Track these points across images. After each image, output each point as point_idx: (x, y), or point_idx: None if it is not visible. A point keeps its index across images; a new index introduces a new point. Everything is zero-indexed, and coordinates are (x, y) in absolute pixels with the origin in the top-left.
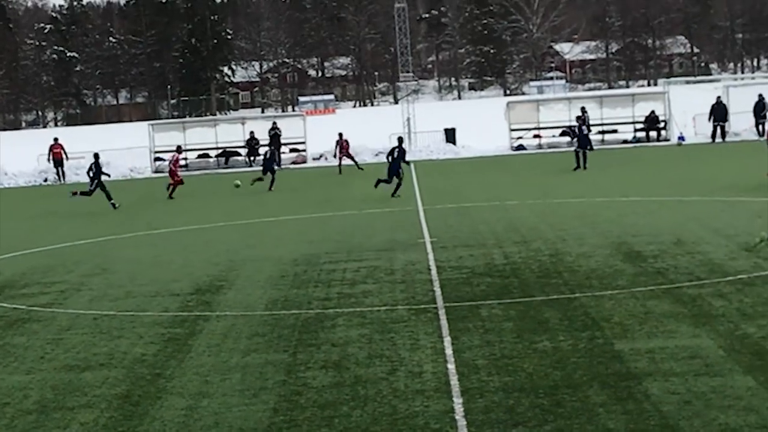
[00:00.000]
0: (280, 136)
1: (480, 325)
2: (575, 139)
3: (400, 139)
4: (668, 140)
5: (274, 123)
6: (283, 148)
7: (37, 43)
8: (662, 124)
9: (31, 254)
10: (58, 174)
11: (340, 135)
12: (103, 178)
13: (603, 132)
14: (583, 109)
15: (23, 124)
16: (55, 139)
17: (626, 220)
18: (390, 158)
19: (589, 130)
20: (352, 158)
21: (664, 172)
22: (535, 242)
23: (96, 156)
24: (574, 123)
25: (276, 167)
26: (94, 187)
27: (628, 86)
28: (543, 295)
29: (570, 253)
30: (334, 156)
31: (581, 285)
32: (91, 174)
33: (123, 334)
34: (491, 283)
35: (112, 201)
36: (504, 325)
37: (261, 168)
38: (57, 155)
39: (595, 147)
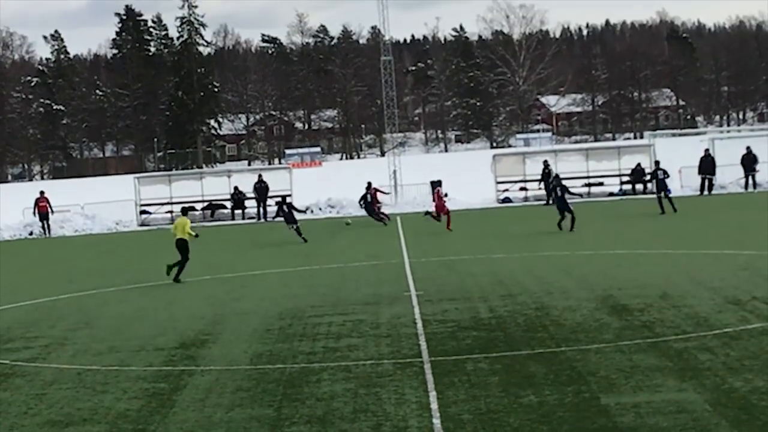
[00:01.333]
0: (267, 188)
1: (466, 379)
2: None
3: (369, 184)
4: (654, 193)
5: (260, 176)
6: (269, 201)
7: (24, 96)
8: (648, 177)
9: (15, 308)
10: (43, 227)
11: (369, 184)
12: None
13: (589, 185)
14: (545, 163)
15: (9, 177)
16: (41, 193)
17: (612, 273)
18: (363, 203)
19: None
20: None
21: (650, 225)
22: (521, 296)
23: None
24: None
25: (263, 220)
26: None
27: (614, 139)
28: (529, 348)
29: (556, 307)
30: (362, 205)
31: (567, 339)
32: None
33: (107, 389)
34: (477, 336)
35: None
36: (490, 379)
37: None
38: (42, 209)
39: (580, 200)
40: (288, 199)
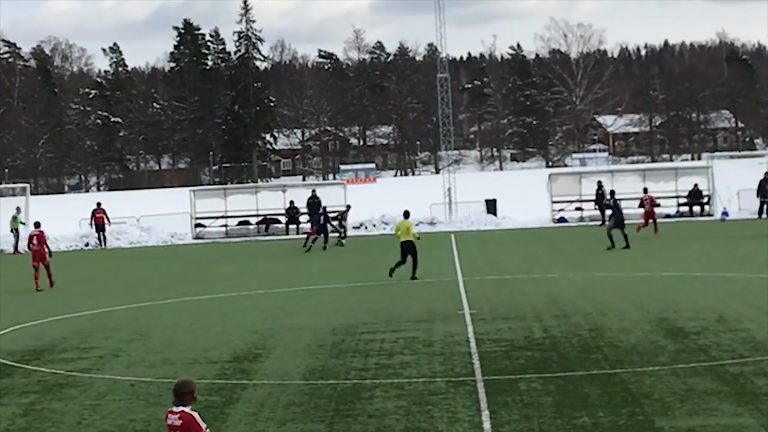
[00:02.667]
0: (319, 204)
1: (519, 399)
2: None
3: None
4: (712, 215)
5: (313, 191)
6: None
7: (82, 108)
8: (706, 199)
9: (71, 319)
10: (99, 239)
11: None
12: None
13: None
14: (599, 183)
15: (66, 188)
16: (98, 204)
17: (668, 295)
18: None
19: (606, 205)
20: None
21: (706, 248)
22: (576, 316)
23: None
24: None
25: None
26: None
27: (671, 160)
28: (583, 370)
29: (610, 328)
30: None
31: (622, 360)
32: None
33: (160, 400)
34: (530, 356)
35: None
36: (543, 399)
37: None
38: (99, 220)
39: (637, 220)
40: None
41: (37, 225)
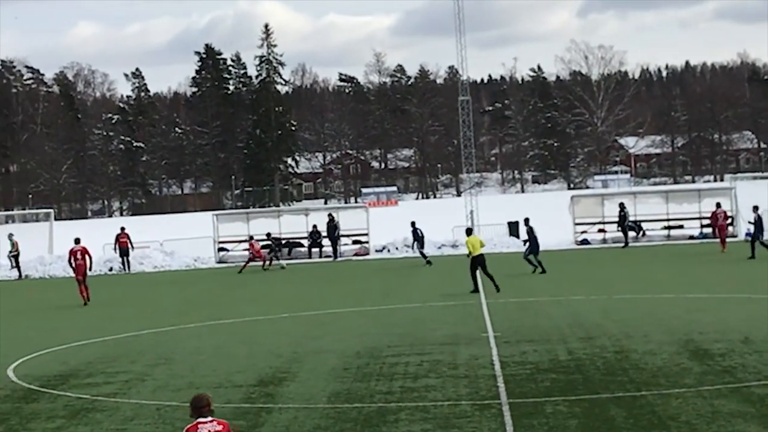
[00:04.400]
0: (335, 227)
1: (544, 422)
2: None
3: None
4: (735, 236)
5: (330, 214)
6: (346, 240)
7: (105, 133)
8: (729, 220)
9: (96, 344)
10: (123, 263)
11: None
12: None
13: (669, 227)
14: (621, 205)
15: (89, 213)
16: (122, 229)
17: (693, 317)
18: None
19: (628, 226)
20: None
21: (731, 269)
22: (600, 338)
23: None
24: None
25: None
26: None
27: (693, 181)
28: (608, 392)
29: (636, 350)
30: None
31: (647, 383)
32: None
33: (186, 425)
34: (556, 379)
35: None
36: (569, 422)
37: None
38: (123, 244)
39: (660, 242)
40: (363, 238)
41: (77, 241)
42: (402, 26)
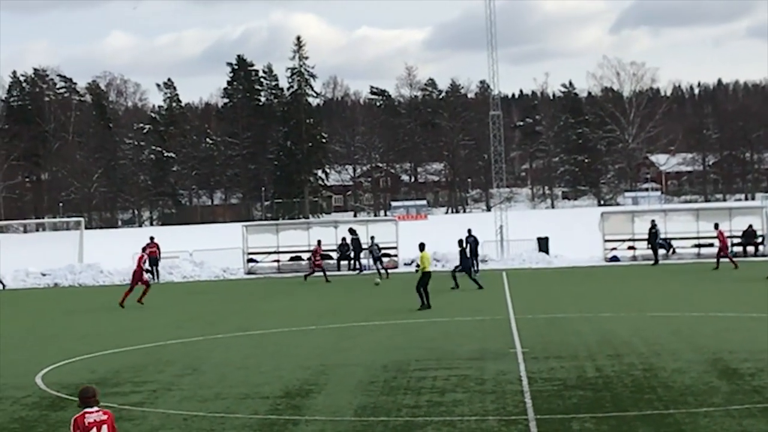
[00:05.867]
0: (358, 241)
1: None
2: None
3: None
4: (766, 255)
5: (351, 228)
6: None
7: (136, 143)
8: (760, 239)
9: (125, 352)
10: (152, 273)
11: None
12: None
13: (699, 245)
14: (653, 223)
15: (119, 223)
16: (151, 238)
17: (722, 336)
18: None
19: (658, 244)
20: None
21: (761, 288)
22: (629, 356)
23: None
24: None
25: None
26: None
27: (725, 199)
28: (636, 410)
29: (664, 368)
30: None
31: (676, 401)
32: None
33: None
34: (583, 396)
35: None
36: None
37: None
38: (152, 254)
39: (690, 260)
40: (392, 251)
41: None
42: (434, 40)
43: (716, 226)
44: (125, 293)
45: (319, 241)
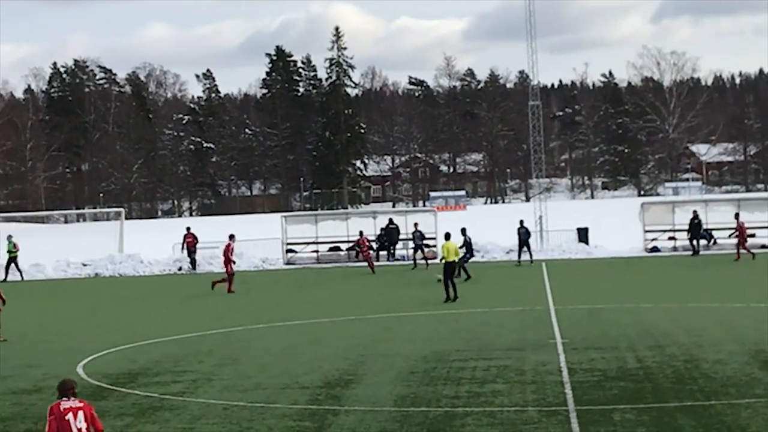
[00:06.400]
0: (398, 232)
1: (612, 429)
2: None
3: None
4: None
5: (390, 219)
6: (411, 243)
7: (175, 134)
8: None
9: (165, 342)
10: (191, 263)
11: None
12: None
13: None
14: (695, 213)
15: (159, 213)
16: (188, 229)
17: (764, 327)
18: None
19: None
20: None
21: None
22: (670, 347)
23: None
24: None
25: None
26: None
27: (766, 189)
28: (677, 401)
29: (706, 359)
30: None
31: (717, 392)
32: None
33: (253, 425)
34: (624, 387)
35: None
36: (637, 430)
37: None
38: (190, 244)
39: (731, 251)
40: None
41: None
42: (473, 30)
43: (737, 216)
44: (228, 283)
45: (361, 232)
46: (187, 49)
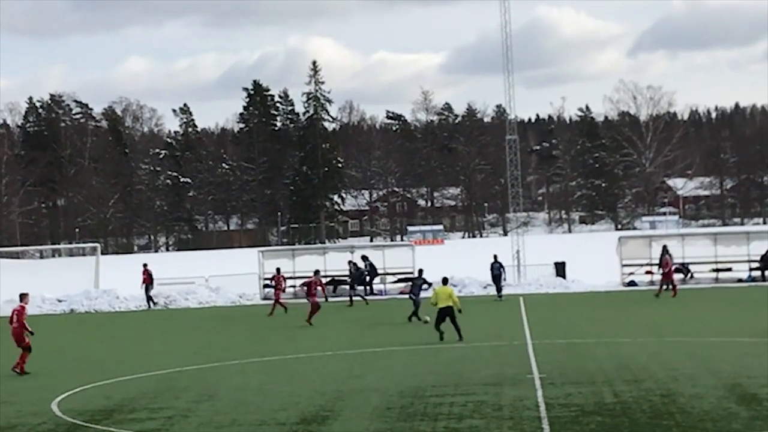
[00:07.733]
0: (372, 265)
1: None
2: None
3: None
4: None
5: (363, 255)
6: (390, 278)
7: (152, 168)
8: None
9: (141, 379)
10: (147, 299)
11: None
12: None
13: (717, 270)
14: (664, 248)
15: (135, 248)
16: (144, 265)
17: (741, 361)
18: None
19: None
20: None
21: None
22: (647, 381)
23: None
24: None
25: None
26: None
27: (743, 223)
28: None
29: (683, 394)
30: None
31: (694, 427)
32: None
33: None
34: (601, 422)
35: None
36: None
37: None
38: (146, 281)
39: (708, 285)
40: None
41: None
42: (451, 64)
43: (664, 249)
44: (310, 314)
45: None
46: (164, 84)
